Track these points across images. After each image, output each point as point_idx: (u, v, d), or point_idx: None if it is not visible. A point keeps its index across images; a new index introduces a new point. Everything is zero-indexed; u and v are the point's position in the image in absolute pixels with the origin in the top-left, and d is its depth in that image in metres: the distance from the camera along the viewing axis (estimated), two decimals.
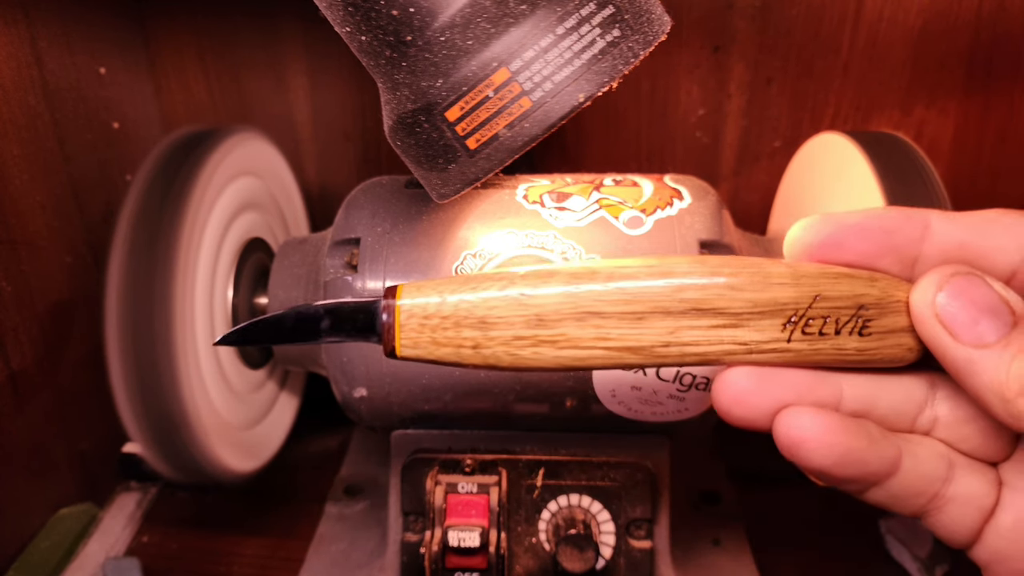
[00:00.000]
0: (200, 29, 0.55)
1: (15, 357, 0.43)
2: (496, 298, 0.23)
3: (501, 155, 0.29)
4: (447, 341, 0.23)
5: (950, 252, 0.22)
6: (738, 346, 0.22)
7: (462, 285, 0.23)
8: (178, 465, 0.40)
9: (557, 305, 0.23)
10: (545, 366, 0.23)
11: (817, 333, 0.22)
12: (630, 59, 0.29)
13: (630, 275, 0.23)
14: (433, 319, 0.23)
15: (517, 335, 0.23)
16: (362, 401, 0.40)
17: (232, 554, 0.47)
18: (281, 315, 0.24)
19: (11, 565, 0.43)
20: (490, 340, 0.23)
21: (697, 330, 0.22)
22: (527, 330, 0.23)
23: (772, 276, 0.22)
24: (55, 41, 0.46)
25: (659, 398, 0.38)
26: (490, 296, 0.23)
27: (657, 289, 0.22)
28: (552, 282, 0.23)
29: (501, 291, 0.23)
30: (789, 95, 0.53)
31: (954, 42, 0.51)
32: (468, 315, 0.23)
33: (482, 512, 0.39)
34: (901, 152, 0.40)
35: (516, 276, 0.23)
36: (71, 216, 0.48)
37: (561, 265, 0.24)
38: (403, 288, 0.23)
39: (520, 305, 0.23)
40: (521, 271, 0.23)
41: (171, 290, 0.37)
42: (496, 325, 0.23)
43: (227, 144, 0.43)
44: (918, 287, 0.22)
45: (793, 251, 0.24)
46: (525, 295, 0.23)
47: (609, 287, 0.23)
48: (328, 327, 0.24)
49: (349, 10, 0.29)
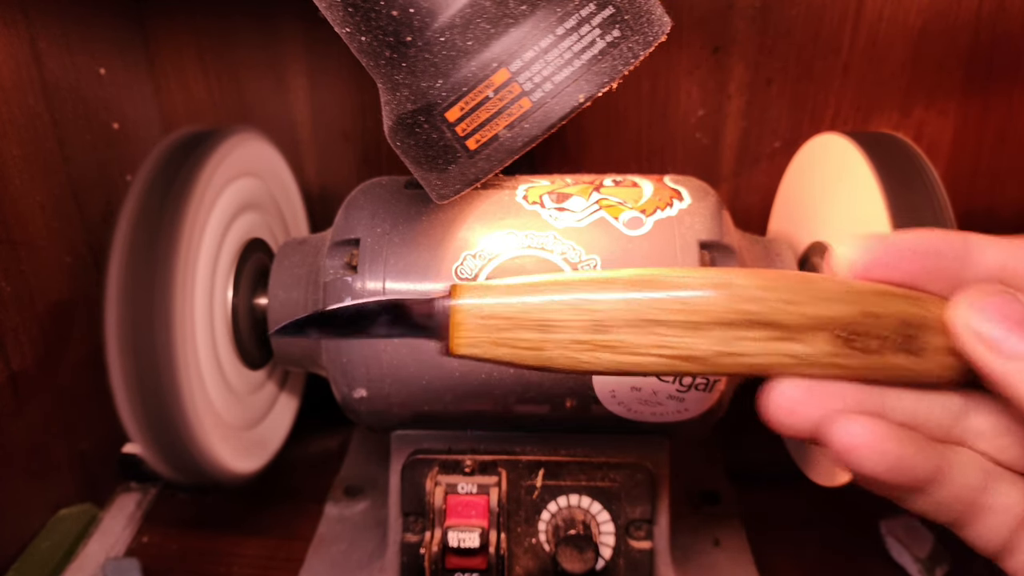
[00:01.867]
0: (200, 29, 0.55)
1: (15, 357, 0.43)
2: (556, 302, 0.23)
3: (501, 156, 0.29)
4: (505, 342, 0.24)
5: (991, 273, 0.23)
6: (790, 359, 0.23)
7: (522, 288, 0.24)
8: (178, 465, 0.40)
9: (616, 311, 0.23)
10: (601, 370, 0.23)
11: (866, 349, 0.23)
12: (630, 60, 0.29)
13: (688, 285, 0.23)
14: (492, 320, 0.24)
15: (575, 339, 0.23)
16: (362, 401, 0.40)
17: (232, 554, 0.47)
18: (339, 309, 0.24)
19: (11, 565, 0.43)
20: (548, 343, 0.23)
21: (751, 341, 0.23)
22: (585, 335, 0.23)
23: (825, 292, 0.23)
24: (55, 41, 0.46)
25: (659, 398, 0.38)
26: (550, 300, 0.23)
27: (715, 300, 0.23)
28: (611, 288, 0.23)
29: (561, 295, 0.23)
30: (789, 96, 0.53)
31: (954, 43, 0.51)
32: (527, 318, 0.23)
33: (482, 513, 0.39)
34: (901, 153, 0.40)
35: (576, 281, 0.24)
36: (71, 216, 0.48)
37: (619, 272, 0.24)
38: (463, 288, 0.24)
39: (579, 310, 0.23)
40: (580, 276, 0.24)
41: (171, 290, 0.37)
42: (555, 328, 0.23)
43: (227, 144, 0.43)
44: (956, 305, 0.22)
45: (842, 268, 0.24)
46: (585, 300, 0.23)
47: (668, 295, 0.23)
48: (386, 323, 0.24)
49: (349, 11, 0.29)
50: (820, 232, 0.44)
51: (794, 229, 0.48)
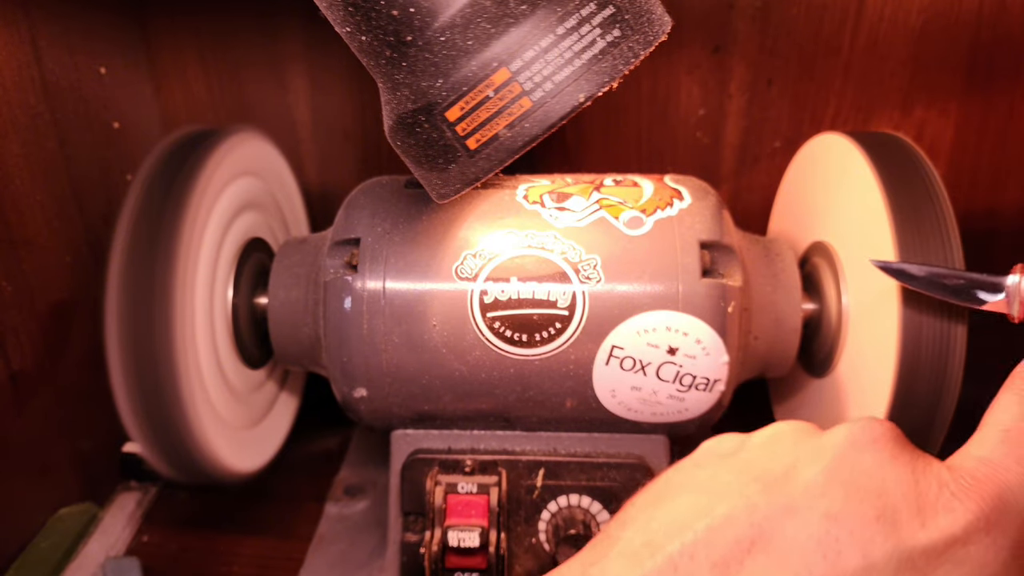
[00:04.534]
0: (200, 29, 0.55)
1: (15, 357, 0.43)
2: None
3: (501, 155, 0.29)
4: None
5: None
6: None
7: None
8: (178, 465, 0.40)
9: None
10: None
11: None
12: (630, 59, 0.29)
13: None
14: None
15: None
16: (362, 401, 0.40)
17: (232, 554, 0.47)
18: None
19: (11, 565, 0.43)
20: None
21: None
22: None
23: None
24: (55, 41, 0.46)
25: (659, 398, 0.38)
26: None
27: None
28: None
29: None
30: (789, 95, 0.53)
31: (955, 42, 0.50)
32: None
33: (482, 512, 0.39)
34: (901, 153, 0.40)
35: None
36: (71, 216, 0.48)
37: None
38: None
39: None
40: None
41: (171, 290, 0.37)
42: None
43: (227, 144, 0.43)
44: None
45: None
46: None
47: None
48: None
49: (349, 10, 0.29)
50: (820, 232, 0.44)
51: (794, 229, 0.48)
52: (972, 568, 0.21)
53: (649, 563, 0.21)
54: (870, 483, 0.21)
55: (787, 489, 0.22)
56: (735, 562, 0.21)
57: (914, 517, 0.21)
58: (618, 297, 0.37)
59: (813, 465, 0.22)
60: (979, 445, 0.23)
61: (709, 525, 0.21)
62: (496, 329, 0.37)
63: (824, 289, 0.42)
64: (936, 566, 0.21)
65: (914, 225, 0.36)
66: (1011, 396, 0.23)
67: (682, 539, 0.21)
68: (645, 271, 0.37)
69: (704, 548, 0.21)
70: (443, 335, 0.38)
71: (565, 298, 0.37)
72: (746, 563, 0.21)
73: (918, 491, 0.21)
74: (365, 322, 0.38)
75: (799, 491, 0.22)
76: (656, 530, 0.22)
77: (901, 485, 0.22)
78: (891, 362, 0.36)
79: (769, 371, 0.43)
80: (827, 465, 0.22)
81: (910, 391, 0.36)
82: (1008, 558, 0.21)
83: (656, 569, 0.21)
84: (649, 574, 0.21)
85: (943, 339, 0.35)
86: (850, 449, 0.22)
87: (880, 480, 0.22)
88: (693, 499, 0.23)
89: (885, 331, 0.36)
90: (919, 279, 0.31)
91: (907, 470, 0.22)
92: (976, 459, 0.22)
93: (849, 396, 0.40)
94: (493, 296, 0.37)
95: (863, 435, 0.23)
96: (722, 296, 0.37)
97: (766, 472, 0.23)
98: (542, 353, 0.37)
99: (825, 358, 0.42)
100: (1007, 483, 0.21)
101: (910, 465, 0.22)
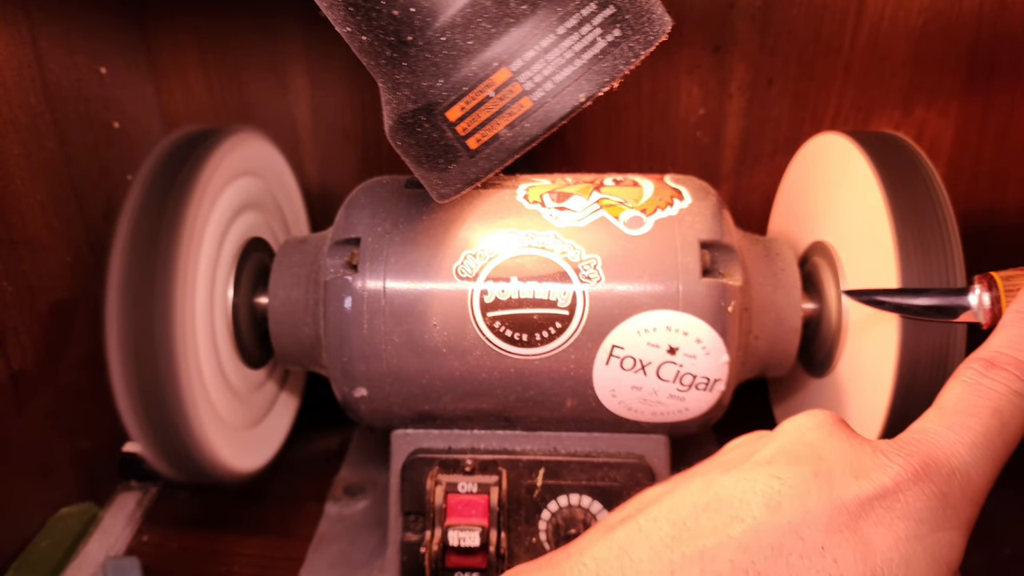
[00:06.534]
0: (200, 29, 0.55)
1: (15, 357, 0.43)
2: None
3: (502, 155, 0.29)
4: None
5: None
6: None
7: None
8: (178, 464, 0.40)
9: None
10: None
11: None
12: (631, 59, 0.29)
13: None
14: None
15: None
16: (362, 401, 0.40)
17: (232, 554, 0.47)
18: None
19: (11, 565, 0.43)
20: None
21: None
22: None
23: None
24: (55, 41, 0.46)
25: (659, 398, 0.38)
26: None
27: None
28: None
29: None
30: (790, 95, 0.53)
31: (955, 42, 0.50)
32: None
33: (482, 512, 0.39)
34: (902, 152, 0.40)
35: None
36: (72, 216, 0.48)
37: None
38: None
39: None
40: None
41: (171, 290, 0.37)
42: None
43: (227, 144, 0.43)
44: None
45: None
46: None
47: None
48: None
49: (350, 10, 0.29)
50: (821, 232, 0.44)
51: (795, 228, 0.48)
52: (902, 512, 0.23)
53: (620, 529, 0.25)
54: (810, 452, 0.25)
55: (743, 465, 0.25)
56: (691, 520, 0.24)
57: (848, 474, 0.24)
58: (618, 297, 0.37)
59: (766, 448, 0.26)
60: (919, 420, 0.25)
61: (672, 498, 0.25)
62: (496, 329, 0.37)
63: (824, 289, 0.42)
64: (868, 511, 0.23)
65: (914, 225, 0.36)
66: (954, 382, 0.26)
67: (648, 509, 0.25)
68: (645, 271, 0.37)
69: (666, 513, 0.24)
70: (443, 335, 0.38)
71: (565, 298, 0.37)
72: (700, 519, 0.24)
73: (854, 456, 0.24)
74: (365, 322, 0.38)
75: (751, 464, 0.25)
76: (627, 507, 0.27)
77: (836, 451, 0.24)
78: (891, 362, 0.36)
79: (769, 371, 0.43)
80: (776, 445, 0.25)
81: (910, 391, 0.36)
82: (936, 506, 0.23)
83: (624, 533, 0.24)
84: (617, 537, 0.24)
85: (943, 339, 0.35)
86: (795, 432, 0.26)
87: (818, 448, 0.25)
88: (663, 487, 0.27)
89: (885, 331, 0.36)
90: (887, 304, 0.33)
91: (844, 441, 0.25)
92: (911, 429, 0.25)
93: (849, 396, 0.40)
94: (493, 296, 0.37)
95: (807, 420, 0.26)
96: (722, 296, 0.37)
97: (729, 460, 0.26)
98: (542, 353, 0.37)
99: (825, 358, 0.42)
100: (938, 445, 0.24)
101: (848, 439, 0.25)
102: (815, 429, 0.25)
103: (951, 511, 0.23)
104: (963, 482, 0.23)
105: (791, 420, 0.27)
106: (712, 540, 0.23)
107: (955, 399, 0.25)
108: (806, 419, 0.26)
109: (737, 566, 0.22)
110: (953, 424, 0.24)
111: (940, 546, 0.23)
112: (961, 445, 0.23)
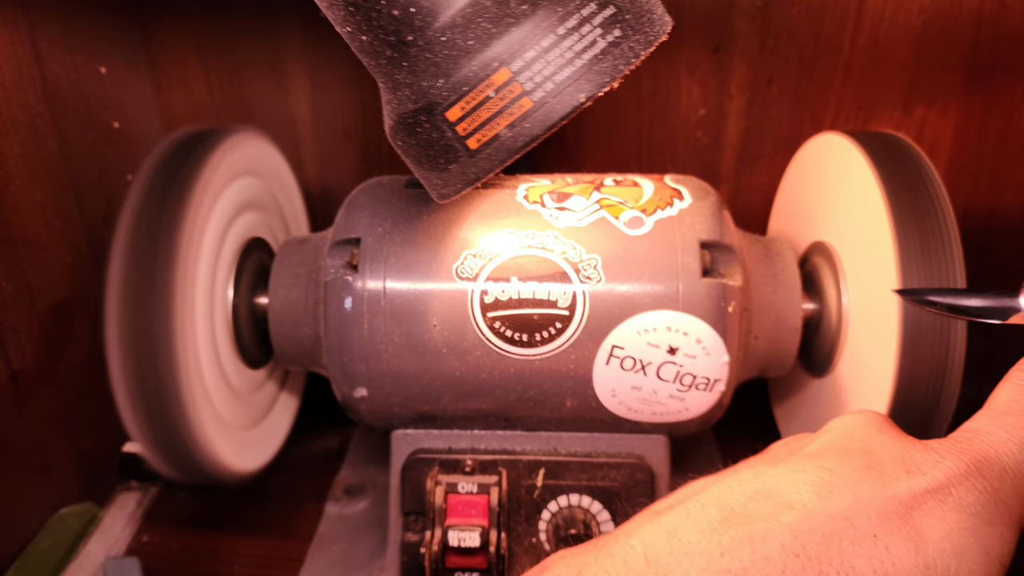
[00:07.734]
0: (200, 29, 0.55)
1: (15, 357, 0.43)
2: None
3: (502, 155, 0.29)
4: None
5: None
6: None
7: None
8: (178, 464, 0.40)
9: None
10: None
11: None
12: (631, 59, 0.29)
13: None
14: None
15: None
16: (362, 401, 0.40)
17: (232, 554, 0.47)
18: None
19: (11, 565, 0.43)
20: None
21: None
22: None
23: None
24: (55, 41, 0.46)
25: (659, 398, 0.38)
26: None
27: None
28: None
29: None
30: (790, 95, 0.53)
31: (955, 42, 0.50)
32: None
33: (482, 512, 0.39)
34: (902, 152, 0.40)
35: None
36: (72, 216, 0.48)
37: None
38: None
39: None
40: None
41: (171, 290, 0.37)
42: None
43: (227, 144, 0.43)
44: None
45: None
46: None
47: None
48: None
49: (350, 10, 0.29)
50: (821, 232, 0.44)
51: (795, 229, 0.48)
52: (954, 505, 0.23)
53: (667, 514, 0.24)
54: (860, 447, 0.24)
55: (791, 458, 0.25)
56: (740, 506, 0.23)
57: (900, 468, 0.24)
58: (618, 297, 0.37)
59: (815, 443, 0.26)
60: (971, 421, 0.25)
61: (719, 486, 0.25)
62: (496, 329, 0.37)
63: (824, 289, 0.42)
64: (920, 503, 0.23)
65: (914, 225, 0.36)
66: (1007, 384, 0.26)
67: (696, 496, 0.25)
68: (645, 271, 0.37)
69: (714, 500, 0.24)
70: (443, 335, 0.38)
71: (565, 298, 0.37)
72: (749, 506, 0.23)
73: (905, 452, 0.24)
74: (365, 322, 0.38)
75: (799, 457, 0.25)
76: (672, 496, 0.26)
77: (887, 447, 0.24)
78: (891, 362, 0.36)
79: (769, 371, 0.43)
80: (824, 440, 0.25)
81: (910, 391, 0.36)
82: (989, 502, 0.23)
83: (672, 517, 0.24)
84: (665, 520, 0.24)
85: (943, 339, 0.35)
86: (843, 429, 0.26)
87: (868, 444, 0.25)
88: (709, 478, 0.26)
89: (885, 331, 0.36)
90: (940, 305, 0.33)
91: (894, 438, 0.25)
92: (963, 428, 0.25)
93: (849, 396, 0.40)
94: (493, 296, 0.37)
95: (855, 418, 0.26)
96: (722, 296, 0.37)
97: (777, 455, 0.26)
98: (542, 353, 0.37)
99: (825, 358, 0.42)
100: (989, 443, 0.24)
101: (898, 436, 0.25)
102: (864, 426, 0.26)
103: (1003, 507, 0.23)
104: (1015, 479, 0.23)
105: (839, 419, 0.27)
106: (762, 525, 0.23)
107: (1007, 400, 0.25)
108: (854, 417, 0.26)
109: (788, 550, 0.22)
110: (1005, 424, 0.24)
111: (992, 540, 0.23)
112: (1013, 444, 0.24)
